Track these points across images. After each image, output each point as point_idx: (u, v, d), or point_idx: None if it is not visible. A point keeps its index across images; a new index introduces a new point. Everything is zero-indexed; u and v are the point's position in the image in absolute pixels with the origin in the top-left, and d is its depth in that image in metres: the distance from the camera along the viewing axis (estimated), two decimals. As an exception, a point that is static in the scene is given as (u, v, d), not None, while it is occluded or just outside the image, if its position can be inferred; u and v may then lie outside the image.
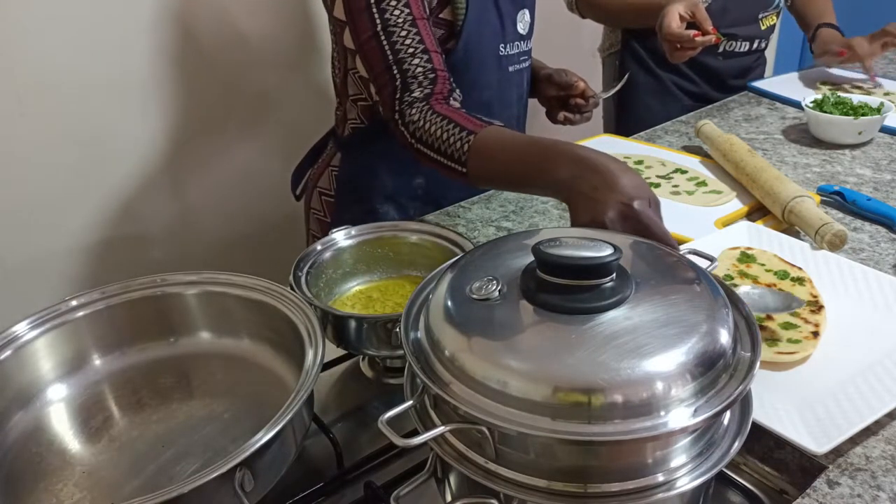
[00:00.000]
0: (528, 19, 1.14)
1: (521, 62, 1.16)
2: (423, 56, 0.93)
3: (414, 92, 0.92)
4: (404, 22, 0.93)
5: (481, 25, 1.05)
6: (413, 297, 0.58)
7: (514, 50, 1.12)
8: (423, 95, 0.92)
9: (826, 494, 0.59)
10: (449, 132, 0.87)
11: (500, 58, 1.11)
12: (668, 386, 0.45)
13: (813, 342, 0.73)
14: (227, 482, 0.52)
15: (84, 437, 0.67)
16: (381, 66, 0.94)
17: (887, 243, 0.96)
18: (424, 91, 0.92)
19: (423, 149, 0.90)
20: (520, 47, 1.14)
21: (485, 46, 1.08)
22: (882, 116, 1.26)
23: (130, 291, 0.74)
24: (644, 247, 0.59)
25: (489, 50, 1.09)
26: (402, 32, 0.93)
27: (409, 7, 0.93)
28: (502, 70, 1.12)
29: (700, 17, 1.32)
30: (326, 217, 1.22)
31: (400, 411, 0.49)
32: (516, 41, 1.12)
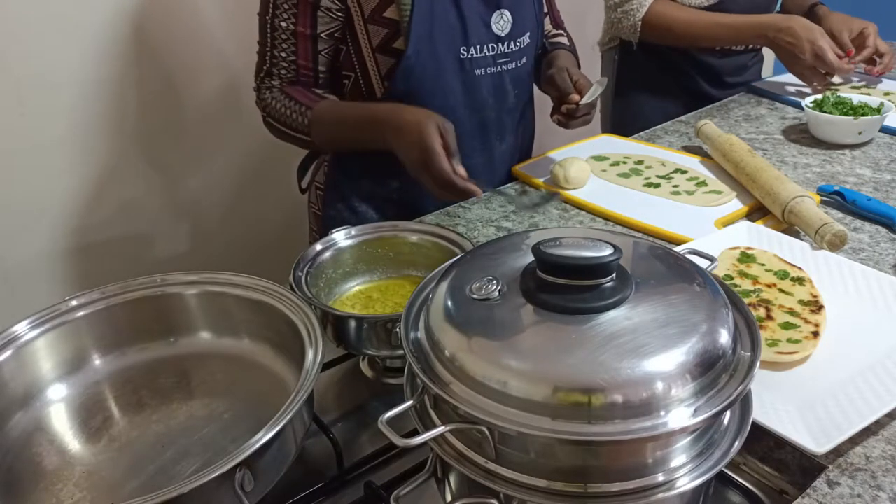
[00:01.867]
0: (508, 19, 1.10)
1: (497, 65, 1.12)
2: (292, 66, 1.06)
3: (273, 81, 1.08)
4: (286, 29, 1.03)
5: (433, 26, 1.03)
6: (413, 297, 0.58)
7: (484, 52, 1.09)
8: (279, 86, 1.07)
9: (826, 494, 0.59)
10: (292, 108, 1.04)
11: (462, 60, 1.08)
12: (668, 386, 0.45)
13: (813, 342, 0.73)
14: (227, 482, 0.52)
15: (84, 437, 0.67)
16: (261, 46, 1.07)
17: (887, 243, 0.96)
18: (281, 84, 1.07)
19: (275, 123, 1.08)
20: (495, 49, 1.10)
21: (440, 48, 1.05)
22: (882, 116, 1.26)
23: (130, 291, 0.74)
24: (644, 247, 0.59)
25: (446, 51, 1.06)
26: (282, 35, 1.04)
27: (296, 19, 1.02)
28: (466, 73, 1.09)
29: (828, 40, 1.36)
30: (320, 210, 1.23)
31: (400, 411, 0.50)
32: (489, 43, 1.09)
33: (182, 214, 1.61)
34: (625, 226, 1.04)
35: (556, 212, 1.10)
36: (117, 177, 1.49)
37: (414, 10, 1.00)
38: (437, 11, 1.03)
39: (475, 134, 1.15)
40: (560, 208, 1.11)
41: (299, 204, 1.31)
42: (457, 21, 1.05)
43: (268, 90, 1.07)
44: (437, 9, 1.03)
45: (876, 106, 1.29)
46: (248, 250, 1.71)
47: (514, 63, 1.14)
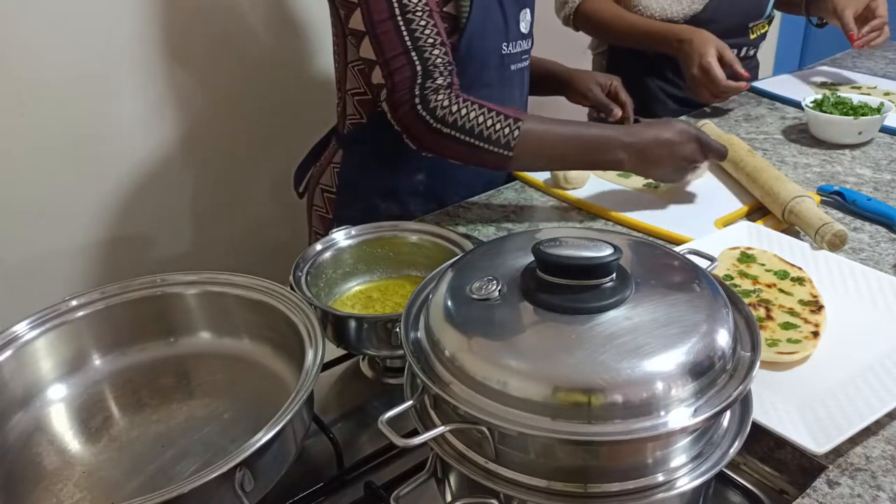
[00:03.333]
0: (529, 18, 1.14)
1: (522, 60, 1.16)
2: (442, 48, 0.96)
3: (437, 80, 0.95)
4: (422, 11, 0.94)
5: (486, 23, 1.05)
6: (413, 297, 0.58)
7: (516, 48, 1.12)
8: (447, 84, 0.96)
9: (826, 494, 0.59)
10: (493, 118, 0.95)
11: (502, 56, 1.10)
12: (668, 386, 0.45)
13: (813, 342, 0.73)
14: (227, 482, 0.52)
15: (84, 437, 0.67)
16: (398, 51, 0.94)
17: (887, 243, 0.96)
18: (447, 80, 0.96)
19: (458, 134, 0.95)
20: (521, 46, 1.14)
21: (488, 44, 1.08)
22: (882, 116, 1.26)
23: (130, 291, 0.74)
24: (644, 247, 0.59)
25: (493, 48, 1.09)
26: (421, 21, 0.94)
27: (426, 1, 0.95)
28: (504, 68, 1.12)
29: (729, 58, 1.31)
30: (329, 213, 1.22)
31: (400, 411, 0.50)
32: (519, 40, 1.12)
33: (182, 214, 1.61)
34: (625, 226, 1.04)
35: (556, 212, 1.10)
36: (117, 176, 1.49)
37: (472, 9, 1.02)
38: (488, 9, 1.05)
39: None
40: (560, 208, 1.11)
41: (300, 204, 1.31)
42: (501, 19, 1.07)
43: (436, 93, 0.95)
44: (488, 7, 1.05)
45: (876, 106, 1.29)
46: (247, 250, 1.71)
47: (528, 59, 1.19)
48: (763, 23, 1.54)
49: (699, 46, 1.32)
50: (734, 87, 1.32)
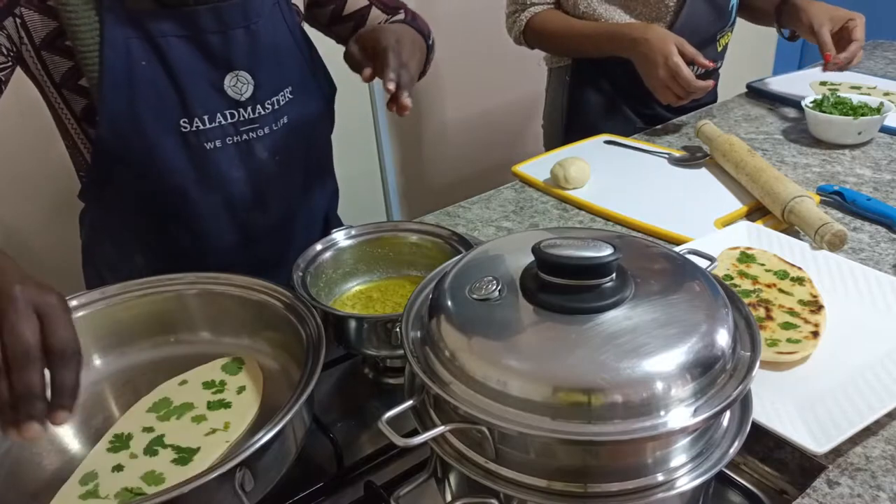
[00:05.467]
0: (248, 80, 0.89)
1: (241, 133, 0.90)
2: None
3: None
4: None
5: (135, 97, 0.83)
6: (413, 297, 0.58)
7: (217, 121, 0.88)
8: None
9: (826, 494, 0.59)
10: None
11: (184, 134, 0.87)
12: (668, 386, 0.45)
13: (813, 342, 0.73)
14: (227, 482, 0.52)
15: (84, 437, 0.67)
16: None
17: (887, 243, 0.96)
18: None
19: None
20: (236, 116, 0.89)
21: (149, 123, 0.84)
22: (882, 116, 1.26)
23: (130, 291, 0.74)
24: (644, 247, 0.59)
25: (159, 126, 0.85)
26: None
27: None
28: (192, 147, 0.88)
29: (690, 53, 1.23)
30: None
31: (400, 411, 0.50)
32: (224, 110, 0.88)
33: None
34: (625, 226, 1.04)
35: (555, 212, 1.10)
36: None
37: (103, 79, 0.81)
38: (138, 79, 0.82)
39: (220, 212, 0.94)
40: (560, 208, 1.11)
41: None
42: (170, 89, 0.85)
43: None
44: (138, 76, 0.82)
45: (876, 106, 1.29)
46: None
47: (267, 127, 0.92)
48: (727, 33, 1.48)
49: (660, 46, 1.23)
50: (704, 86, 1.24)
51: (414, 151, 2.15)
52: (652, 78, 1.26)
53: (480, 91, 2.20)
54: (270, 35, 0.90)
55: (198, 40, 0.85)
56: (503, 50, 1.64)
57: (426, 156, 2.19)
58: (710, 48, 1.44)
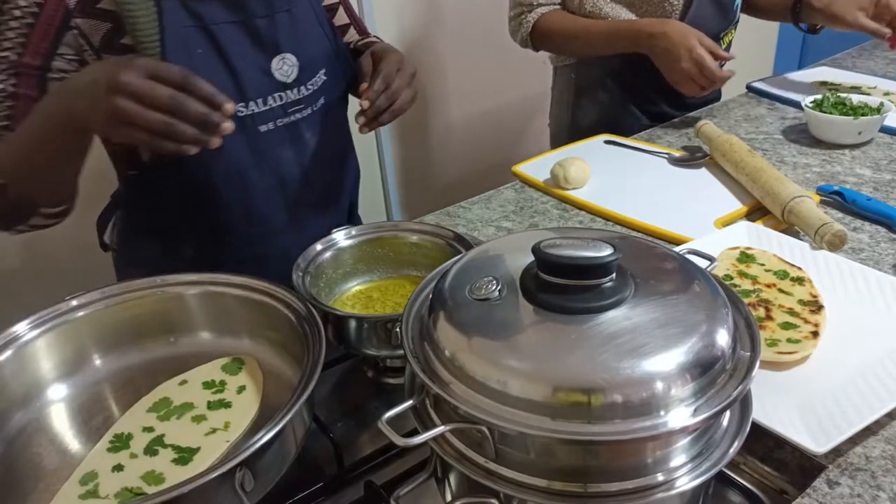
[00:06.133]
0: (294, 63, 0.93)
1: (289, 114, 0.94)
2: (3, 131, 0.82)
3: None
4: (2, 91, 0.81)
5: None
6: (413, 297, 0.58)
7: (269, 104, 0.92)
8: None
9: (826, 494, 0.59)
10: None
11: (242, 118, 0.90)
12: (668, 386, 0.45)
13: (813, 342, 0.73)
14: (227, 482, 0.52)
15: (84, 437, 0.67)
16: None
17: (887, 243, 0.96)
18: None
19: None
20: (284, 98, 0.93)
21: None
22: (882, 116, 1.26)
23: (130, 291, 0.74)
24: (644, 247, 0.59)
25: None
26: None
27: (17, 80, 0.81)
28: (249, 131, 0.91)
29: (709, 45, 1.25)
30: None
31: (400, 411, 0.50)
32: (274, 93, 0.92)
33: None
34: (625, 226, 1.04)
35: (555, 212, 1.10)
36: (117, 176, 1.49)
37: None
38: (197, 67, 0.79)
39: (273, 194, 0.97)
40: (560, 208, 1.11)
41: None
42: (226, 76, 0.88)
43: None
44: (197, 64, 0.84)
45: (876, 106, 1.29)
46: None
47: (310, 108, 0.97)
48: (731, 30, 1.49)
49: (681, 40, 1.25)
50: (727, 75, 1.26)
51: (414, 151, 2.15)
52: (675, 72, 1.27)
53: (480, 91, 2.19)
54: (306, 18, 0.95)
55: (247, 25, 0.89)
56: (504, 50, 1.64)
57: (426, 156, 2.19)
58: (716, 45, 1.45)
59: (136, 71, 0.65)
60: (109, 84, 0.65)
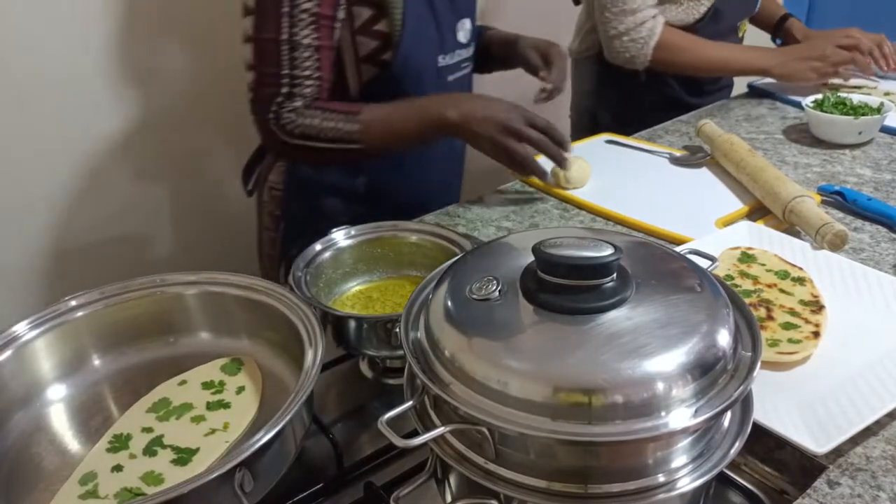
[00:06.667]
0: (468, 27, 1.15)
1: (462, 69, 1.17)
2: (316, 82, 1.01)
3: (296, 103, 1.01)
4: (309, 45, 0.98)
5: (419, 37, 1.06)
6: (413, 297, 0.58)
7: (453, 59, 1.14)
8: (304, 106, 1.01)
9: (826, 494, 0.59)
10: (335, 119, 1.00)
11: (438, 68, 1.12)
12: (669, 386, 0.45)
13: (813, 342, 0.73)
14: (227, 482, 0.52)
15: (84, 437, 0.67)
16: (273, 70, 0.99)
17: (888, 243, 0.96)
18: (305, 103, 1.01)
19: (306, 142, 1.01)
20: (460, 55, 1.15)
21: (423, 58, 1.09)
22: (882, 116, 1.26)
23: (130, 291, 0.74)
24: (645, 247, 0.59)
25: (427, 61, 1.10)
26: (304, 53, 0.99)
27: (319, 33, 0.98)
28: (441, 80, 1.13)
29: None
30: (277, 210, 1.22)
31: (400, 412, 0.49)
32: (456, 50, 1.14)
33: (182, 215, 1.61)
34: (625, 226, 1.04)
35: (556, 212, 1.10)
36: (117, 176, 1.49)
37: (405, 24, 1.03)
38: (421, 24, 1.06)
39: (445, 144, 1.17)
40: (560, 208, 1.11)
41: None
42: (434, 32, 1.09)
43: (291, 113, 1.01)
44: (421, 22, 1.06)
45: (876, 106, 1.29)
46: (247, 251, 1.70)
47: (470, 66, 1.21)
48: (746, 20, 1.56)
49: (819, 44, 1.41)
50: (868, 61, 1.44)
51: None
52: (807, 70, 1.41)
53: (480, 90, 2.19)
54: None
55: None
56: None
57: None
58: (732, 36, 1.51)
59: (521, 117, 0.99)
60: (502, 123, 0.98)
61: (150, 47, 1.44)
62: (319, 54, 0.99)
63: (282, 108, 1.01)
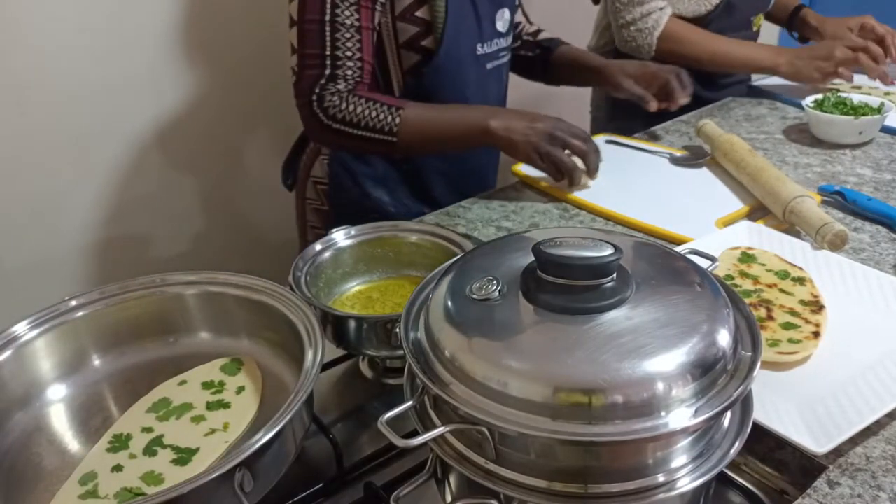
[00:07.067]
0: (507, 17, 1.19)
1: (499, 58, 1.21)
2: (357, 63, 1.04)
3: (339, 85, 1.04)
4: (351, 26, 1.01)
5: (460, 26, 1.09)
6: (413, 297, 0.58)
7: (491, 48, 1.17)
8: (347, 90, 1.04)
9: (826, 494, 0.59)
10: (377, 110, 1.03)
11: (477, 56, 1.15)
12: (669, 386, 0.45)
13: (813, 342, 0.73)
14: (227, 482, 0.52)
15: (84, 437, 0.67)
16: (316, 51, 1.03)
17: (888, 243, 0.96)
18: (348, 87, 1.05)
19: (346, 128, 1.04)
20: (498, 44, 1.19)
21: (463, 46, 1.12)
22: (882, 116, 1.26)
23: (130, 291, 0.74)
24: (645, 247, 0.59)
25: (467, 49, 1.13)
26: (346, 34, 1.02)
27: (360, 14, 1.01)
28: (480, 67, 1.17)
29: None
30: (324, 205, 1.24)
31: (400, 412, 0.49)
32: (495, 39, 1.17)
33: (182, 215, 1.61)
34: (625, 226, 1.04)
35: (556, 212, 1.10)
36: (117, 177, 1.49)
37: (448, 12, 1.07)
38: (462, 13, 1.10)
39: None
40: (560, 208, 1.11)
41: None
42: (474, 21, 1.12)
43: (334, 96, 1.03)
44: (462, 10, 1.09)
45: (876, 106, 1.29)
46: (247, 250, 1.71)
47: (507, 56, 1.24)
48: (761, 14, 1.56)
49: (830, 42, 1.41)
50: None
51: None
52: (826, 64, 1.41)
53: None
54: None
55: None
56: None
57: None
58: (746, 30, 1.52)
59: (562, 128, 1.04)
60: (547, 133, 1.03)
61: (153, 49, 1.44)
62: (361, 35, 1.02)
63: (324, 91, 1.04)
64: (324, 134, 1.07)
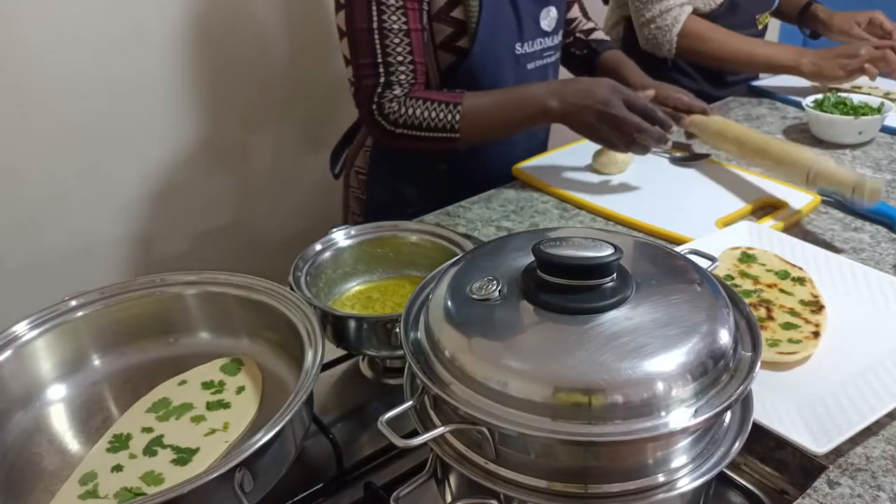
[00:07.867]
0: (554, 15, 1.17)
1: (544, 58, 1.19)
2: (410, 66, 1.05)
3: (395, 91, 1.06)
4: (399, 30, 1.02)
5: (496, 25, 1.08)
6: (413, 297, 0.58)
7: (534, 47, 1.16)
8: (403, 94, 1.06)
9: (826, 494, 0.59)
10: (437, 109, 1.05)
11: (517, 56, 1.14)
12: (669, 386, 0.45)
13: (814, 342, 0.73)
14: (227, 482, 0.52)
15: (84, 437, 0.67)
16: (369, 60, 1.04)
17: (888, 243, 0.96)
18: (404, 91, 1.06)
19: (408, 132, 1.06)
20: (543, 44, 1.17)
21: (500, 45, 1.11)
22: (882, 116, 1.26)
23: (130, 291, 0.74)
24: (645, 247, 0.59)
25: (505, 48, 1.12)
26: (395, 39, 1.02)
27: (407, 17, 1.01)
28: (520, 68, 1.15)
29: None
30: (363, 195, 1.26)
31: (400, 412, 0.49)
32: (538, 38, 1.16)
33: (182, 215, 1.61)
34: (625, 226, 1.04)
35: (556, 212, 1.10)
36: (116, 177, 1.49)
37: (482, 12, 1.06)
38: (499, 12, 1.09)
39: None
40: (560, 208, 1.11)
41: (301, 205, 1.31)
42: (513, 20, 1.11)
43: (392, 102, 1.05)
44: (499, 10, 1.09)
45: (876, 106, 1.29)
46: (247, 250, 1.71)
47: (554, 55, 1.22)
48: (767, 13, 1.57)
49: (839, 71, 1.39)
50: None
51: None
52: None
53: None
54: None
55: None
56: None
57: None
58: (751, 28, 1.53)
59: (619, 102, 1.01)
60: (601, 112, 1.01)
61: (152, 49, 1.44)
62: (410, 38, 1.03)
63: (382, 98, 1.06)
64: (389, 139, 1.09)
